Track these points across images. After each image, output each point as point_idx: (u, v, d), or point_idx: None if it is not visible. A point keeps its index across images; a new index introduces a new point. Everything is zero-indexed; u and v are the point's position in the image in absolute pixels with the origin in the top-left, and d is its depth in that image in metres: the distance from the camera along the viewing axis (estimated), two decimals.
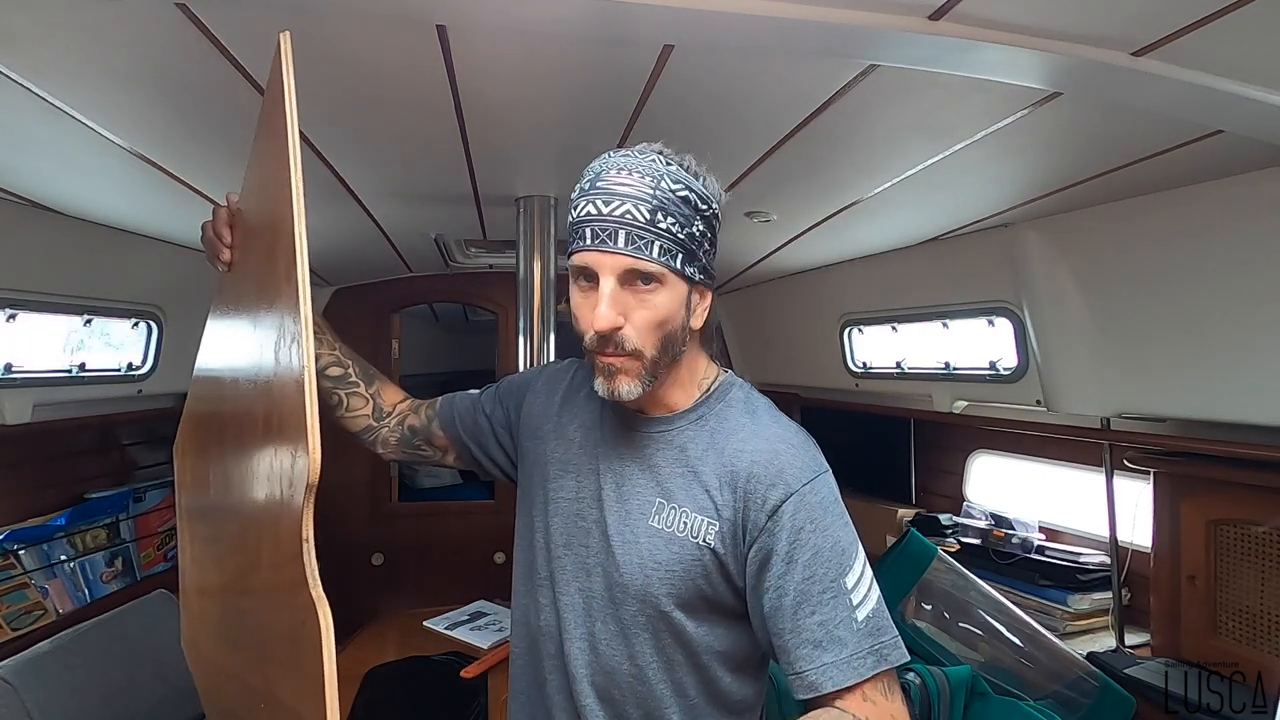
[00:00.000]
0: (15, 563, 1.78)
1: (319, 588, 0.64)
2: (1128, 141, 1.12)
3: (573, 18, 0.77)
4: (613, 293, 0.82)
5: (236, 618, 0.93)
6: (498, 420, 1.10)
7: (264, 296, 0.80)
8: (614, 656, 0.89)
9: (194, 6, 0.74)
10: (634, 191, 0.81)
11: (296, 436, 0.67)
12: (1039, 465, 2.17)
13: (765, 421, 0.90)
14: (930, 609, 1.88)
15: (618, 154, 0.85)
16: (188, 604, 1.22)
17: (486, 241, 2.29)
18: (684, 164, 0.85)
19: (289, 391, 0.70)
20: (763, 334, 2.93)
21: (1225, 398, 1.38)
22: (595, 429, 0.97)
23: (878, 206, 1.51)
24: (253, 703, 0.86)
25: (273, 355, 0.76)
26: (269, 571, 0.77)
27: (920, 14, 0.76)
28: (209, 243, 1.00)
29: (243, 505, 0.88)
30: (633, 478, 0.91)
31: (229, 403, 0.97)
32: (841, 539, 0.83)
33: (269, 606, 0.78)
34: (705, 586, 0.87)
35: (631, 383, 0.85)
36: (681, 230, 0.82)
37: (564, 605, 0.93)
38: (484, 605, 2.55)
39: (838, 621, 0.79)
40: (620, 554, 0.89)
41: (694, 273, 0.85)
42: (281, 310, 0.73)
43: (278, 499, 0.73)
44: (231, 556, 0.94)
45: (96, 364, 1.84)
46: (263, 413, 0.80)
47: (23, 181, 1.31)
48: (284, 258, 0.71)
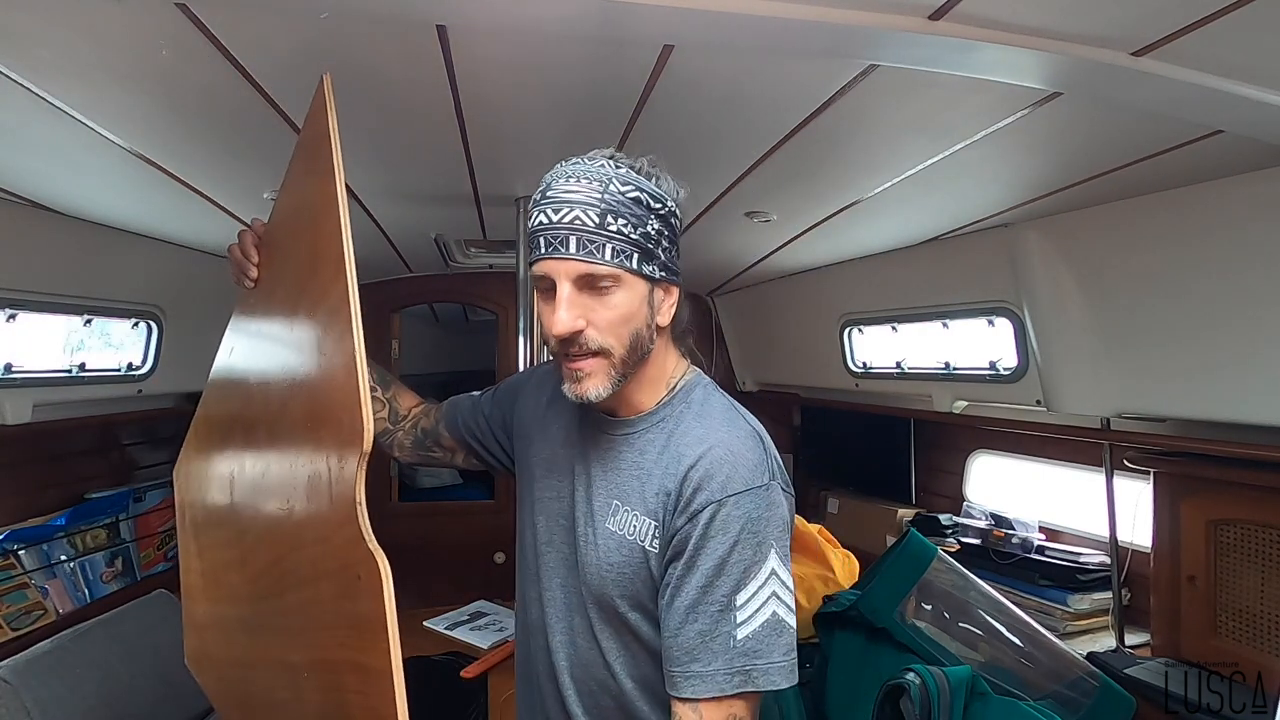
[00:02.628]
0: (15, 563, 1.78)
1: (374, 541, 0.72)
2: (1128, 141, 1.12)
3: (573, 18, 0.77)
4: (569, 297, 0.84)
5: (271, 605, 0.98)
6: (495, 421, 1.13)
7: (305, 302, 0.89)
8: (588, 650, 0.93)
9: (194, 6, 0.74)
10: (582, 197, 0.82)
11: (345, 414, 0.75)
12: (1039, 465, 2.17)
13: (715, 425, 0.89)
14: (930, 609, 1.87)
15: (568, 163, 0.86)
16: (195, 619, 1.25)
17: (486, 241, 2.29)
18: (635, 166, 0.86)
19: (336, 376, 0.79)
20: (763, 334, 2.93)
21: (1225, 398, 1.38)
22: (575, 430, 0.99)
23: (878, 206, 1.51)
24: (293, 678, 0.93)
25: (316, 350, 0.85)
26: (315, 546, 0.84)
27: (920, 14, 0.76)
28: (237, 262, 1.05)
29: (280, 495, 0.93)
30: (597, 479, 0.94)
31: (258, 405, 1.02)
32: (748, 556, 0.82)
33: (317, 576, 0.85)
34: (651, 591, 0.88)
35: (600, 384, 0.87)
36: (634, 230, 0.83)
37: (548, 601, 0.96)
38: (484, 605, 2.55)
39: (716, 635, 0.81)
40: (581, 555, 0.92)
41: (654, 270, 0.86)
42: (330, 308, 0.81)
43: (324, 478, 0.81)
44: (263, 549, 1.00)
45: (96, 364, 1.84)
46: (304, 403, 0.88)
47: (23, 181, 1.31)
48: (329, 267, 0.80)
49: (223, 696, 1.20)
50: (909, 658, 1.71)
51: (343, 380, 0.77)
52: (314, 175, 0.87)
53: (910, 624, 1.83)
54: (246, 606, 1.07)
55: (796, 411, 3.17)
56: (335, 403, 0.79)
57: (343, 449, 0.77)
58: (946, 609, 1.87)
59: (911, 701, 1.50)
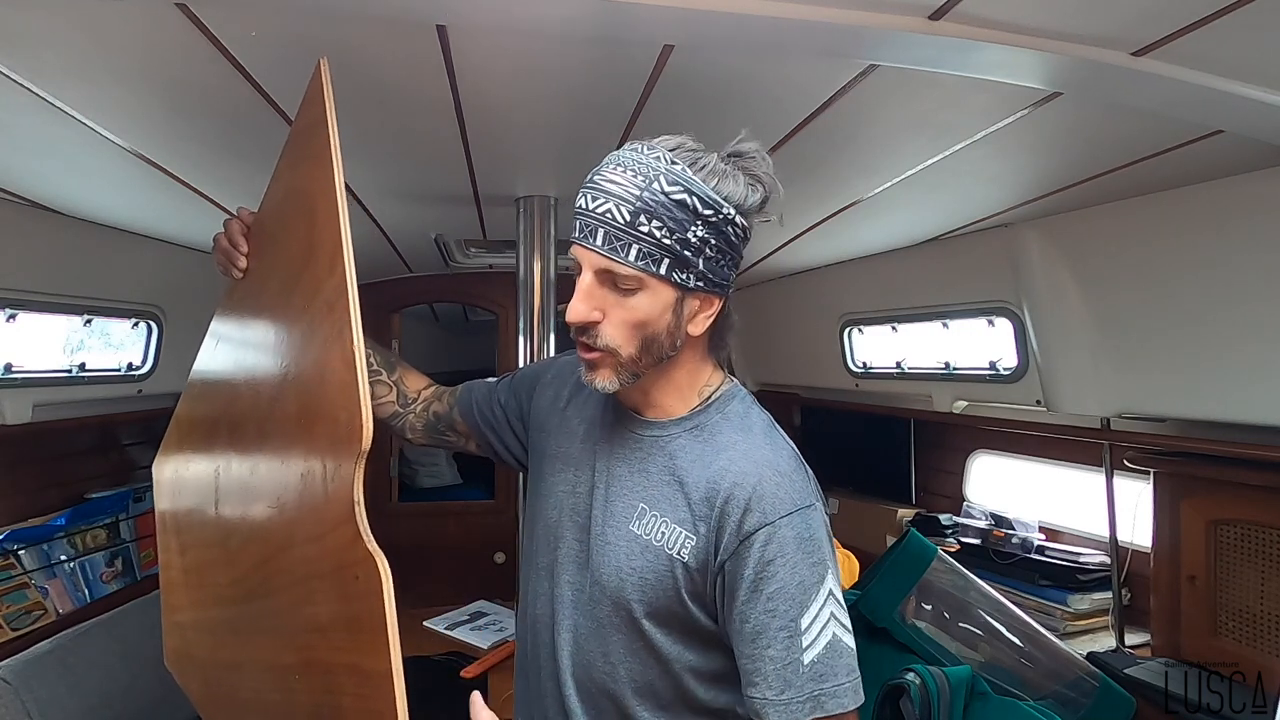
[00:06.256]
0: (15, 563, 1.79)
1: (373, 542, 0.70)
2: (1128, 141, 1.12)
3: (573, 18, 0.77)
4: (588, 288, 0.82)
5: (259, 606, 0.96)
6: (511, 410, 1.11)
7: (299, 293, 0.85)
8: (591, 652, 0.90)
9: (194, 6, 0.74)
10: (620, 190, 0.79)
11: (343, 411, 0.73)
12: (1039, 465, 2.17)
13: (758, 442, 0.87)
14: (930, 609, 1.87)
15: (625, 149, 0.83)
16: (176, 620, 1.24)
17: (486, 241, 2.30)
18: (700, 162, 0.81)
19: (334, 371, 0.76)
20: (763, 334, 2.93)
21: (1225, 398, 1.38)
22: (597, 424, 0.97)
23: (878, 206, 1.51)
24: (283, 681, 0.90)
25: (311, 343, 0.82)
26: (307, 546, 0.83)
27: (920, 14, 0.76)
28: (224, 252, 1.03)
29: (269, 494, 0.91)
30: (622, 479, 0.91)
31: (245, 401, 0.99)
32: (807, 577, 0.81)
33: (309, 577, 0.83)
34: (675, 602, 0.86)
35: (606, 378, 0.85)
36: (670, 235, 0.79)
37: (557, 596, 0.93)
38: (484, 605, 2.55)
39: (787, 662, 0.79)
40: (597, 554, 0.89)
41: (687, 279, 0.82)
42: (326, 300, 0.79)
43: (318, 477, 0.78)
44: (250, 549, 0.97)
45: (96, 364, 1.83)
46: (297, 400, 0.85)
47: (23, 181, 1.31)
48: (325, 257, 0.78)
49: (208, 699, 1.18)
50: (909, 658, 1.72)
51: (341, 375, 0.75)
52: (309, 161, 0.84)
53: (910, 624, 1.83)
54: (233, 608, 1.05)
55: (796, 411, 3.16)
56: (331, 399, 0.77)
57: (339, 447, 0.75)
58: (946, 609, 1.87)
59: (911, 701, 1.51)
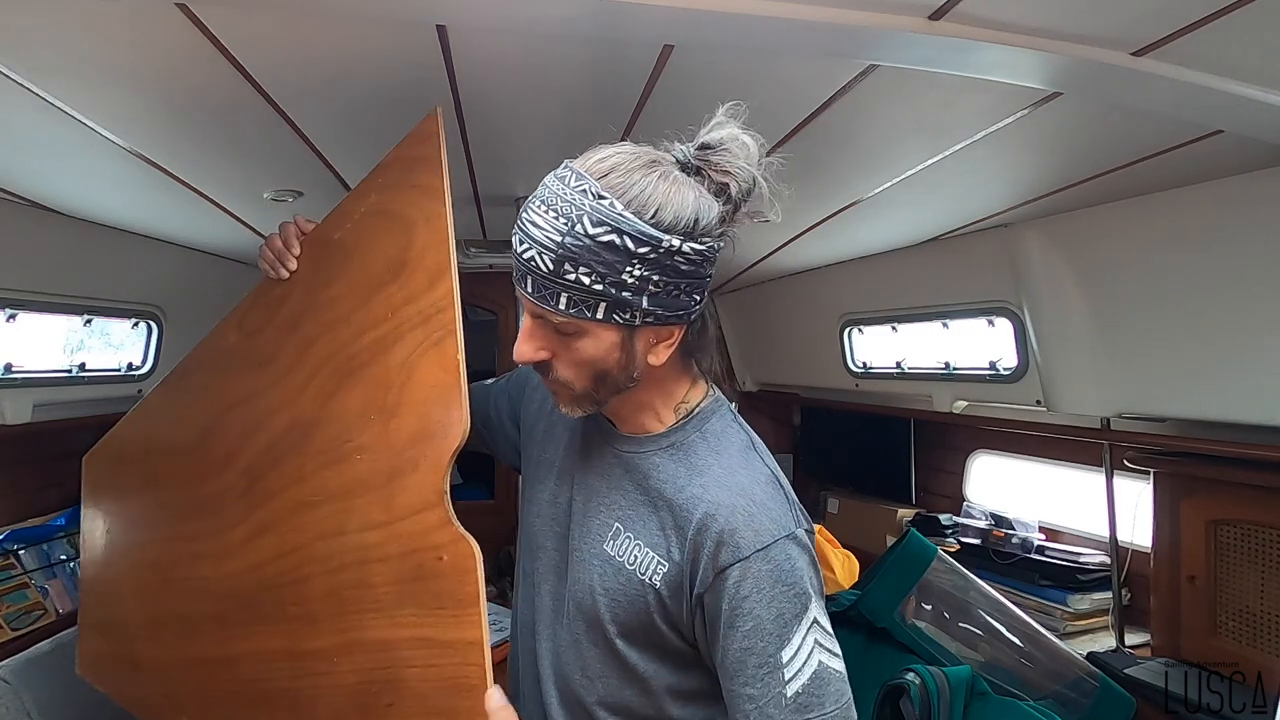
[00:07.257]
0: (15, 563, 1.79)
1: (460, 526, 0.85)
2: (1128, 141, 1.12)
3: (573, 17, 0.77)
4: (529, 329, 0.82)
5: (274, 595, 1.02)
6: (505, 412, 1.12)
7: (378, 303, 0.97)
8: (569, 664, 0.89)
9: (194, 6, 0.74)
10: (541, 236, 0.74)
11: (436, 408, 0.87)
12: (1039, 465, 2.18)
13: (734, 465, 0.84)
14: (930, 609, 1.88)
15: (552, 177, 0.78)
16: (105, 620, 1.29)
17: (486, 241, 2.29)
18: (631, 189, 0.74)
19: (429, 372, 0.89)
20: (763, 334, 2.93)
21: (1225, 398, 1.38)
22: (578, 434, 0.96)
23: (878, 206, 1.51)
24: (303, 665, 0.97)
25: (397, 347, 0.93)
26: (367, 533, 0.92)
27: (920, 14, 0.76)
28: (277, 252, 1.06)
29: (312, 485, 0.99)
30: (598, 494, 0.90)
31: (280, 392, 1.06)
32: (786, 609, 0.78)
33: (368, 561, 0.92)
34: (649, 626, 0.84)
35: (570, 407, 0.86)
36: (600, 280, 0.73)
37: (538, 605, 0.93)
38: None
39: (768, 699, 0.77)
40: (573, 571, 0.88)
41: (632, 318, 0.77)
42: (419, 311, 0.91)
43: (388, 468, 0.91)
44: (270, 540, 1.04)
45: (96, 364, 1.84)
46: (364, 394, 0.96)
47: (23, 181, 1.30)
48: (426, 274, 0.92)
49: (166, 700, 1.17)
50: (909, 658, 1.72)
51: (438, 377, 0.87)
52: (410, 190, 0.96)
53: (910, 624, 1.84)
54: (227, 601, 1.07)
55: (796, 411, 3.17)
56: (423, 398, 0.88)
57: (426, 442, 0.87)
58: (946, 609, 1.87)
59: (911, 702, 1.51)
